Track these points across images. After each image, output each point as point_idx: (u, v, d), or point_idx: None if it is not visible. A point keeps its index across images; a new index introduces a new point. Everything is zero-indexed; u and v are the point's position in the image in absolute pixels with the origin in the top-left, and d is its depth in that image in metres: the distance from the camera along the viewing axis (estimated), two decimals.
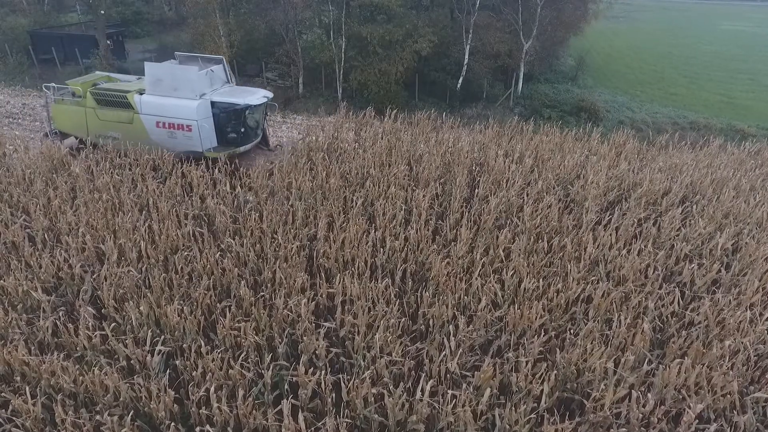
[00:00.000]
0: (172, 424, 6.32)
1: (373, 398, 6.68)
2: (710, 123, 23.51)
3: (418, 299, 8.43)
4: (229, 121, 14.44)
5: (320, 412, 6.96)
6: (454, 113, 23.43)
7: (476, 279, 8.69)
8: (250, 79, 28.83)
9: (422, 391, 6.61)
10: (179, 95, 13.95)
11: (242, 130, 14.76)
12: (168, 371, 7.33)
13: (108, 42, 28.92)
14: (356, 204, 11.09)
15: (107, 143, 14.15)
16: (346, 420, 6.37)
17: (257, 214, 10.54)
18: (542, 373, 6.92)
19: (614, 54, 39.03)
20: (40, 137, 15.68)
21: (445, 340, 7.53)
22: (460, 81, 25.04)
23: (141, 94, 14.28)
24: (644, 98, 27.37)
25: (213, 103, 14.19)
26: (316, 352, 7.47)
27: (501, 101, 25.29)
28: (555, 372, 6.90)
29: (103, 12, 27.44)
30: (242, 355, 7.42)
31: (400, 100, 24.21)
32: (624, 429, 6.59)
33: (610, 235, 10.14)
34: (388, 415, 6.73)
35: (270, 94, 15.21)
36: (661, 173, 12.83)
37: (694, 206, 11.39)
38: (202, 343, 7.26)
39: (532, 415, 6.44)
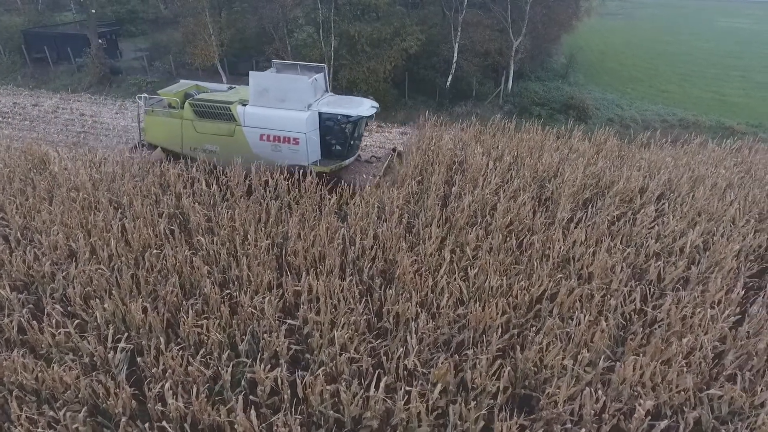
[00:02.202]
0: (129, 420, 6.42)
1: (328, 394, 6.74)
2: (699, 120, 23.46)
3: (382, 296, 8.48)
4: (337, 134, 13.67)
5: (278, 408, 7.04)
6: (443, 111, 23.48)
7: (442, 277, 8.74)
8: (242, 78, 28.95)
9: (377, 387, 6.68)
10: (287, 106, 13.17)
11: (351, 142, 14.10)
12: (128, 368, 7.41)
13: (100, 41, 28.94)
14: (330, 202, 11.16)
15: (202, 156, 13.57)
16: (298, 416, 6.42)
17: (231, 212, 10.60)
18: (497, 370, 6.96)
19: (608, 51, 38.93)
20: (129, 149, 14.79)
21: (409, 337, 7.61)
22: (450, 79, 25.03)
23: (243, 105, 13.53)
24: (635, 96, 27.31)
25: (320, 115, 13.43)
26: (277, 349, 7.56)
27: (490, 99, 25.27)
28: (508, 369, 6.94)
29: (94, 11, 27.47)
30: (204, 352, 7.51)
31: (390, 98, 24.22)
32: (579, 425, 6.66)
33: (581, 232, 10.18)
34: (343, 411, 6.82)
35: (377, 104, 14.32)
36: (638, 171, 12.84)
37: (668, 204, 11.40)
38: (162, 341, 7.33)
39: (484, 411, 6.48)
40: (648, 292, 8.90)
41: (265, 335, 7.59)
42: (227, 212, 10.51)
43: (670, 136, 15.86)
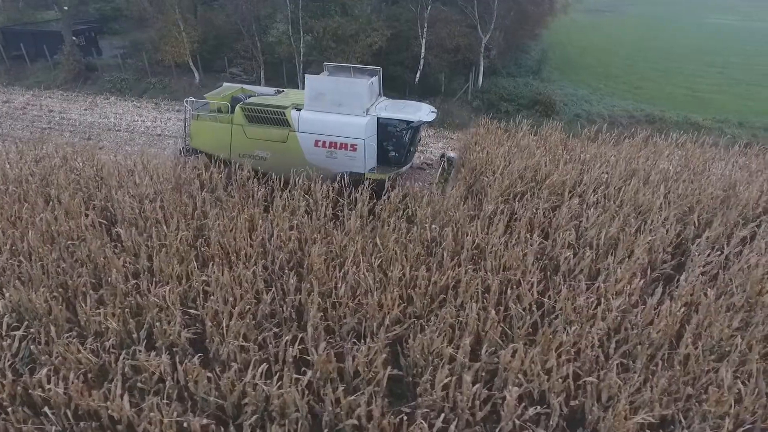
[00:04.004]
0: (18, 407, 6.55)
1: (205, 380, 6.85)
2: (665, 116, 23.45)
3: (283, 286, 8.59)
4: (396, 140, 13.22)
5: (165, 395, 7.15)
6: None
7: (349, 267, 8.84)
8: (218, 75, 29.08)
9: (256, 374, 6.79)
10: (344, 111, 12.74)
11: (410, 149, 13.76)
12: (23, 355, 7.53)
13: (74, 38, 29.08)
14: (257, 196, 11.27)
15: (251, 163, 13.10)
16: (170, 401, 6.53)
17: (156, 204, 10.71)
18: (376, 358, 7.06)
19: (590, 48, 38.87)
20: (172, 154, 14.53)
21: (309, 326, 7.72)
22: (418, 75, 25.09)
23: (298, 109, 13.12)
24: (606, 92, 27.28)
25: (379, 120, 12.97)
26: (171, 338, 7.68)
27: (459, 95, 25.31)
28: (384, 356, 7.03)
29: (66, 8, 27.59)
30: (102, 340, 7.63)
31: None
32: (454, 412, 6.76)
33: (501, 224, 10.26)
34: (226, 397, 6.94)
35: (435, 109, 13.89)
36: (572, 164, 12.90)
37: (596, 197, 11.46)
38: (53, 329, 7.45)
39: (353, 397, 6.57)
40: (561, 283, 8.97)
41: (158, 324, 7.69)
42: (151, 205, 10.61)
43: (616, 130, 15.85)
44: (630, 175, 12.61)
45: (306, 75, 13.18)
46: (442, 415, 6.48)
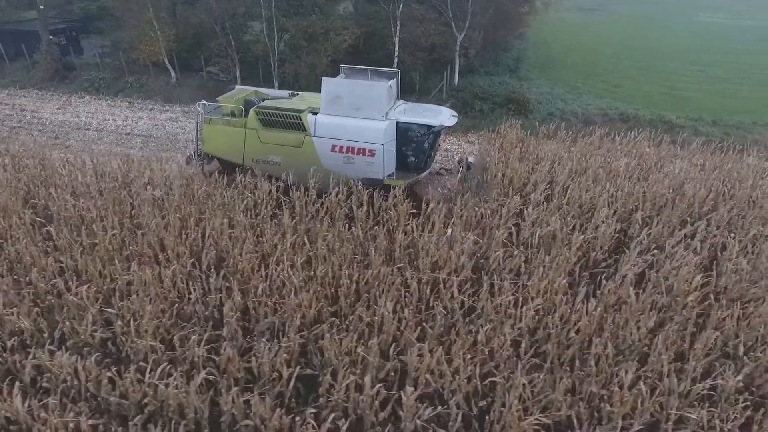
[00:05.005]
0: None
1: (106, 380, 6.78)
2: (639, 114, 23.33)
3: (204, 284, 8.52)
4: (416, 145, 12.71)
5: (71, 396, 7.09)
6: None
7: (272, 266, 8.77)
8: (195, 74, 29.03)
9: (155, 374, 6.72)
10: (363, 115, 12.28)
11: (431, 154, 13.38)
12: None
13: (52, 38, 29.05)
14: (198, 194, 11.20)
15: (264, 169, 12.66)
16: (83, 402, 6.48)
17: (91, 203, 10.64)
18: (280, 358, 6.98)
19: (574, 46, 38.67)
20: (182, 160, 14.16)
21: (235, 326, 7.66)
22: None
23: (314, 113, 12.71)
24: (583, 90, 27.15)
25: (398, 124, 12.53)
26: (83, 337, 7.61)
27: (434, 94, 25.21)
28: (286, 355, 6.96)
29: (42, 7, 27.57)
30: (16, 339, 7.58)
31: None
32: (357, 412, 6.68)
33: (439, 223, 10.17)
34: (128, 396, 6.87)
35: (456, 113, 13.41)
36: (522, 163, 12.81)
37: (540, 195, 11.36)
38: None
39: (248, 396, 6.50)
40: (486, 281, 8.87)
41: (67, 323, 7.62)
42: (86, 203, 10.54)
43: (575, 128, 15.74)
44: (580, 174, 12.51)
45: (323, 78, 12.67)
46: (332, 416, 6.39)
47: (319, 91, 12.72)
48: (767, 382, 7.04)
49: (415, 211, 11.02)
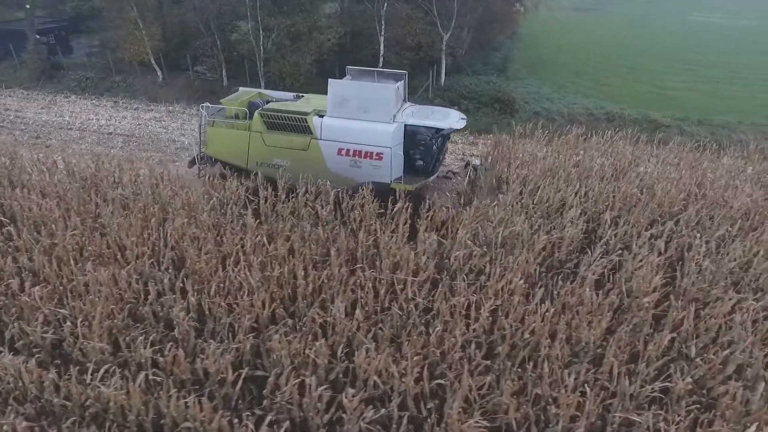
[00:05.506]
0: None
1: (48, 381, 6.72)
2: (625, 113, 23.23)
3: (159, 285, 8.44)
4: (424, 148, 12.49)
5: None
6: None
7: (230, 266, 8.70)
8: (182, 73, 28.95)
9: (97, 376, 6.65)
10: (370, 118, 12.05)
11: (439, 157, 13.21)
12: None
13: (40, 37, 29.01)
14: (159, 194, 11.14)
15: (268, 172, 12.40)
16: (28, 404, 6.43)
17: (53, 203, 10.57)
18: (222, 360, 6.92)
19: (566, 46, 38.53)
20: (186, 164, 13.92)
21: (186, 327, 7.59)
22: None
23: (320, 116, 12.47)
24: (571, 89, 27.05)
25: (406, 127, 12.32)
26: (32, 338, 7.54)
27: (420, 93, 25.12)
28: (235, 357, 6.89)
29: (28, 6, 27.52)
30: None
31: (316, 91, 24.14)
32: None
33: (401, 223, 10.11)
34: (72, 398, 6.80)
35: (464, 116, 13.08)
36: (499, 162, 12.73)
37: (506, 195, 11.29)
38: None
39: (188, 399, 6.42)
40: (444, 282, 8.79)
41: (16, 323, 7.56)
42: (48, 203, 10.48)
43: (553, 127, 15.65)
44: (553, 173, 12.42)
45: (329, 80, 12.34)
46: (268, 418, 6.32)
47: (305, 91, 12.59)
48: (719, 384, 6.95)
49: (382, 210, 10.94)
